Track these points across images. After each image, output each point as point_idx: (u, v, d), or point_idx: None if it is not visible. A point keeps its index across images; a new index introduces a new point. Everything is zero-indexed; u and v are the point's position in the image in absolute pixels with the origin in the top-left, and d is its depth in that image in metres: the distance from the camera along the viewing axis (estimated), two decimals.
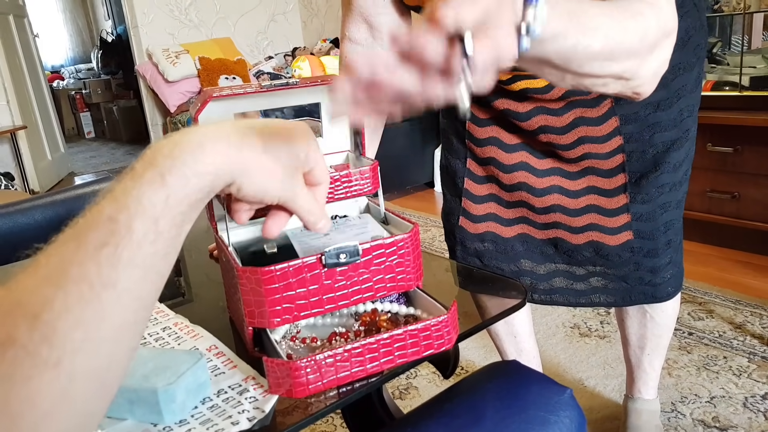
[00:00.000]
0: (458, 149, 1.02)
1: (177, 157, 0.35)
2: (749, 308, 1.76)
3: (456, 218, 1.03)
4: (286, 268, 0.50)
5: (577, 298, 1.01)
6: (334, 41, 4.30)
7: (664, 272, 0.97)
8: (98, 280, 0.31)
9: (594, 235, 0.96)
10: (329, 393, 0.49)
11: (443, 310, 0.54)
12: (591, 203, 0.96)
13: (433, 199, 3.29)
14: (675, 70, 0.88)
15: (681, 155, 0.93)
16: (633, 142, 0.91)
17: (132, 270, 0.33)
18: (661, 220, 0.94)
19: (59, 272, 0.31)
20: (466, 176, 1.01)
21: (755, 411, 1.33)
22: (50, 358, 0.30)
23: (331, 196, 0.67)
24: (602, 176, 0.94)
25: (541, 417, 0.56)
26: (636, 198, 0.93)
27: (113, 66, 6.97)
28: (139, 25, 4.25)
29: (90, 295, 0.31)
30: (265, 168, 0.39)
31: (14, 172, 3.93)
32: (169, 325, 0.63)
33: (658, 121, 0.90)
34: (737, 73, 2.02)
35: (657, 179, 0.92)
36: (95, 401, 0.32)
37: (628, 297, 0.99)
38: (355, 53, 0.90)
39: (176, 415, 0.47)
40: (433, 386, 1.54)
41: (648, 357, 1.16)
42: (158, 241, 0.34)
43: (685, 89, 0.90)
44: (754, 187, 1.99)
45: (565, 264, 1.00)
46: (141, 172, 0.34)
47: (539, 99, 0.91)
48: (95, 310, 0.31)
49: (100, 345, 0.31)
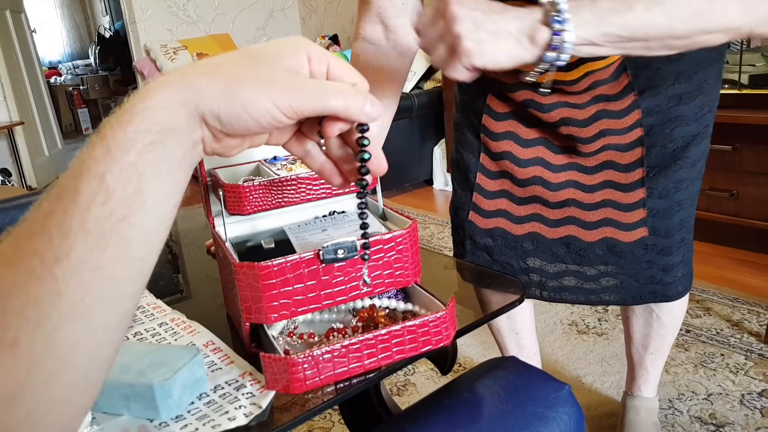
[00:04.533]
0: (472, 143, 1.02)
1: (124, 104, 0.32)
2: (747, 306, 1.76)
3: (466, 213, 1.03)
4: (283, 263, 0.49)
5: (587, 296, 1.01)
6: (333, 38, 4.29)
7: (675, 271, 0.96)
8: (50, 253, 0.29)
9: (608, 231, 0.96)
10: (327, 389, 0.49)
11: (441, 306, 0.54)
12: (607, 198, 0.95)
13: (432, 196, 3.29)
14: (698, 63, 0.88)
15: (699, 151, 0.92)
16: (653, 135, 0.91)
17: (85, 237, 0.29)
18: (677, 217, 0.93)
19: (12, 250, 0.29)
20: (478, 171, 1.01)
21: (752, 408, 1.33)
22: (5, 339, 0.28)
23: (329, 193, 0.66)
24: (620, 170, 0.94)
25: (539, 413, 0.56)
26: (653, 193, 0.92)
27: (111, 62, 6.95)
28: (137, 21, 4.23)
29: (41, 269, 0.28)
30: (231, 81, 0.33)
31: (11, 168, 3.92)
32: (166, 320, 0.63)
33: (680, 114, 0.89)
34: (736, 71, 2.02)
35: (675, 174, 0.92)
36: (68, 386, 0.30)
37: (639, 296, 0.98)
38: (367, 53, 0.90)
39: (172, 411, 0.46)
40: (431, 383, 1.54)
41: (651, 356, 1.16)
42: (110, 201, 0.30)
43: (707, 83, 0.89)
44: (752, 186, 1.99)
45: (576, 264, 0.99)
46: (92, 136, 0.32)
47: (564, 91, 0.91)
48: (48, 285, 0.28)
49: (60, 323, 0.29)
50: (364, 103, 0.37)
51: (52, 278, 0.29)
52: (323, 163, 0.42)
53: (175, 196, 0.33)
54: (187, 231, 1.05)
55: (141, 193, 0.31)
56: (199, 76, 0.33)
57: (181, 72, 0.34)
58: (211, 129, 0.34)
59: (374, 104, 0.37)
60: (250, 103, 0.33)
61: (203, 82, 0.33)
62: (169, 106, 0.32)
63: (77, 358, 0.30)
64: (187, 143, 0.33)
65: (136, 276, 0.32)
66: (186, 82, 0.33)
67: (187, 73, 0.33)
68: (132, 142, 0.31)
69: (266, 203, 0.63)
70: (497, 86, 0.99)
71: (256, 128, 0.35)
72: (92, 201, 0.29)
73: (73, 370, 0.30)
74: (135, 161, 0.30)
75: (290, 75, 0.35)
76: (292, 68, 0.36)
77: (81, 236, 0.29)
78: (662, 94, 0.88)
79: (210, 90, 0.33)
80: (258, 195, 0.62)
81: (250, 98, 0.33)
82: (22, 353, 0.28)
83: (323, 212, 0.69)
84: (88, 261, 0.29)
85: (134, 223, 0.31)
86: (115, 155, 0.30)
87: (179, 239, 1.02)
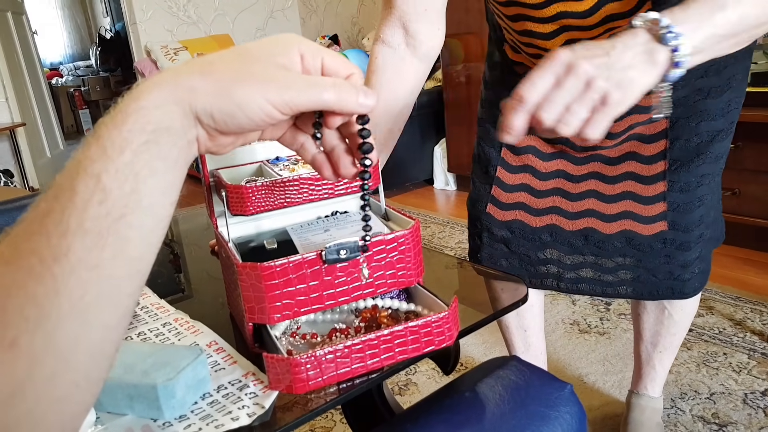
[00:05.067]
0: (495, 138, 1.02)
1: (118, 104, 0.32)
2: (749, 305, 1.76)
3: (484, 205, 1.03)
4: (286, 264, 0.49)
5: (604, 288, 1.00)
6: (333, 38, 4.29)
7: (693, 267, 0.96)
8: (48, 252, 0.29)
9: (627, 224, 0.95)
10: (329, 389, 0.49)
11: (444, 306, 0.54)
12: (627, 189, 0.95)
13: (433, 196, 3.29)
14: (727, 58, 0.87)
15: (723, 148, 0.92)
16: (678, 128, 0.90)
17: (83, 236, 0.29)
18: (697, 212, 0.93)
19: (10, 250, 0.29)
20: (499, 164, 1.01)
21: (755, 407, 1.33)
22: (4, 339, 0.28)
23: (332, 193, 0.66)
24: (642, 162, 0.93)
25: (541, 412, 0.56)
26: (675, 186, 0.92)
27: (112, 63, 6.95)
28: (137, 22, 4.24)
29: (40, 268, 0.29)
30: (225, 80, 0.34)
31: (13, 170, 3.92)
32: (169, 320, 0.63)
33: (707, 108, 0.89)
34: None
35: (698, 169, 0.91)
36: (68, 384, 0.30)
37: (656, 291, 0.98)
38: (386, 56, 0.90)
39: (176, 411, 0.46)
40: (433, 382, 1.54)
41: (659, 354, 1.15)
42: (107, 201, 0.30)
43: (735, 79, 0.89)
44: (754, 184, 1.99)
45: (594, 256, 0.99)
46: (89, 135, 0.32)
47: None
48: (47, 284, 0.29)
49: (60, 322, 0.29)
50: (357, 95, 0.37)
51: (51, 277, 0.29)
52: (316, 154, 0.42)
53: (172, 195, 0.33)
54: (189, 231, 1.05)
55: (137, 192, 0.31)
56: (193, 75, 0.34)
57: (174, 71, 0.34)
58: (205, 127, 0.35)
59: (368, 94, 0.37)
60: (244, 102, 0.34)
61: (197, 81, 0.33)
62: (162, 106, 0.32)
63: (77, 356, 0.30)
64: (182, 142, 0.33)
65: (134, 275, 0.32)
66: (179, 81, 0.33)
67: (180, 72, 0.34)
68: (127, 142, 0.31)
69: (269, 204, 0.63)
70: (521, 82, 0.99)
71: (250, 126, 0.35)
72: (89, 200, 0.29)
73: (74, 369, 0.30)
74: (131, 161, 0.31)
75: (283, 72, 0.35)
76: (284, 65, 0.36)
77: (79, 235, 0.29)
78: (689, 85, 0.87)
79: (204, 89, 0.33)
80: (260, 195, 0.62)
81: (244, 96, 0.34)
82: (22, 352, 0.28)
83: (326, 212, 0.69)
84: (87, 260, 0.29)
85: (131, 222, 0.31)
86: (110, 155, 0.30)
87: (182, 240, 1.02)
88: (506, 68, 1.01)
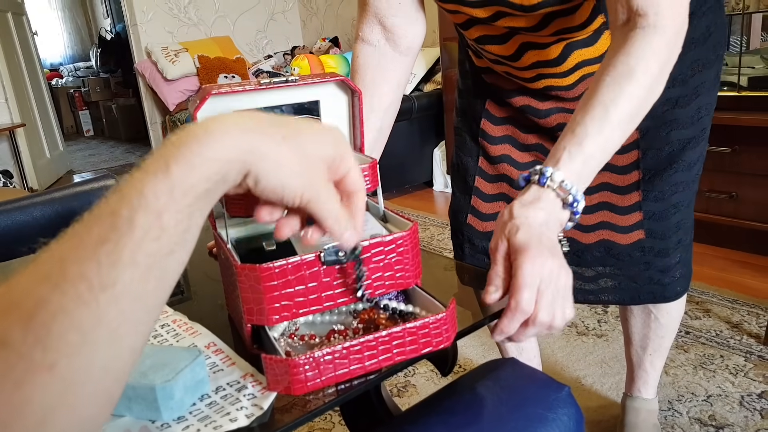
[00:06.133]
0: (471, 147, 1.02)
1: (184, 144, 0.33)
2: (746, 308, 1.77)
3: (464, 216, 1.03)
4: (284, 265, 0.50)
5: (586, 296, 1.01)
6: (333, 40, 4.30)
7: (673, 272, 0.97)
8: (97, 280, 0.29)
9: (605, 234, 0.96)
10: (328, 390, 0.49)
11: (442, 308, 0.54)
12: (604, 200, 0.96)
13: (432, 198, 3.29)
14: (695, 66, 0.88)
15: (696, 154, 0.92)
16: (649, 138, 0.91)
17: (133, 269, 0.30)
18: (673, 219, 0.94)
19: (58, 271, 0.30)
20: (477, 174, 1.01)
21: (751, 410, 1.33)
22: (44, 362, 0.28)
23: None
24: (616, 173, 0.94)
25: (539, 414, 0.56)
26: (649, 196, 0.93)
27: (112, 64, 6.96)
28: (138, 24, 4.24)
29: (88, 296, 0.29)
30: (284, 158, 0.36)
31: (13, 170, 3.92)
32: (168, 322, 0.63)
33: (676, 118, 0.89)
34: (736, 73, 2.02)
35: (671, 177, 0.92)
36: (95, 407, 0.31)
37: (637, 296, 0.99)
38: (367, 55, 0.90)
39: (174, 412, 0.47)
40: (431, 384, 1.54)
41: (650, 357, 1.16)
42: (162, 238, 0.31)
43: (703, 87, 0.89)
44: (751, 187, 2.00)
45: (574, 266, 1.00)
46: (149, 163, 0.33)
47: (561, 97, 0.91)
48: (92, 312, 0.29)
49: (97, 348, 0.30)
50: (345, 232, 0.42)
51: (96, 305, 0.29)
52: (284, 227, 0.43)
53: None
54: None
55: (189, 231, 0.33)
56: (266, 140, 0.36)
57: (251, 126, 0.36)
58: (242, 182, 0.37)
59: (352, 236, 0.42)
60: (289, 188, 0.37)
61: (268, 150, 0.36)
62: (230, 162, 0.34)
63: (106, 382, 0.31)
64: (228, 189, 0.36)
65: (165, 301, 0.34)
66: (253, 142, 0.35)
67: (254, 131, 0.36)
68: (193, 189, 0.33)
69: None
70: (496, 92, 0.99)
71: (275, 201, 0.39)
72: (146, 236, 0.31)
73: (102, 394, 0.31)
74: (191, 204, 0.33)
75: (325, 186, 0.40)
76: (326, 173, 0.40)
77: (129, 268, 0.30)
78: None
79: (267, 160, 0.36)
80: None
81: (291, 185, 0.37)
82: (59, 376, 0.28)
83: None
84: (130, 291, 0.31)
85: (177, 258, 0.33)
86: (176, 197, 0.32)
87: None
88: (475, 75, 1.02)
